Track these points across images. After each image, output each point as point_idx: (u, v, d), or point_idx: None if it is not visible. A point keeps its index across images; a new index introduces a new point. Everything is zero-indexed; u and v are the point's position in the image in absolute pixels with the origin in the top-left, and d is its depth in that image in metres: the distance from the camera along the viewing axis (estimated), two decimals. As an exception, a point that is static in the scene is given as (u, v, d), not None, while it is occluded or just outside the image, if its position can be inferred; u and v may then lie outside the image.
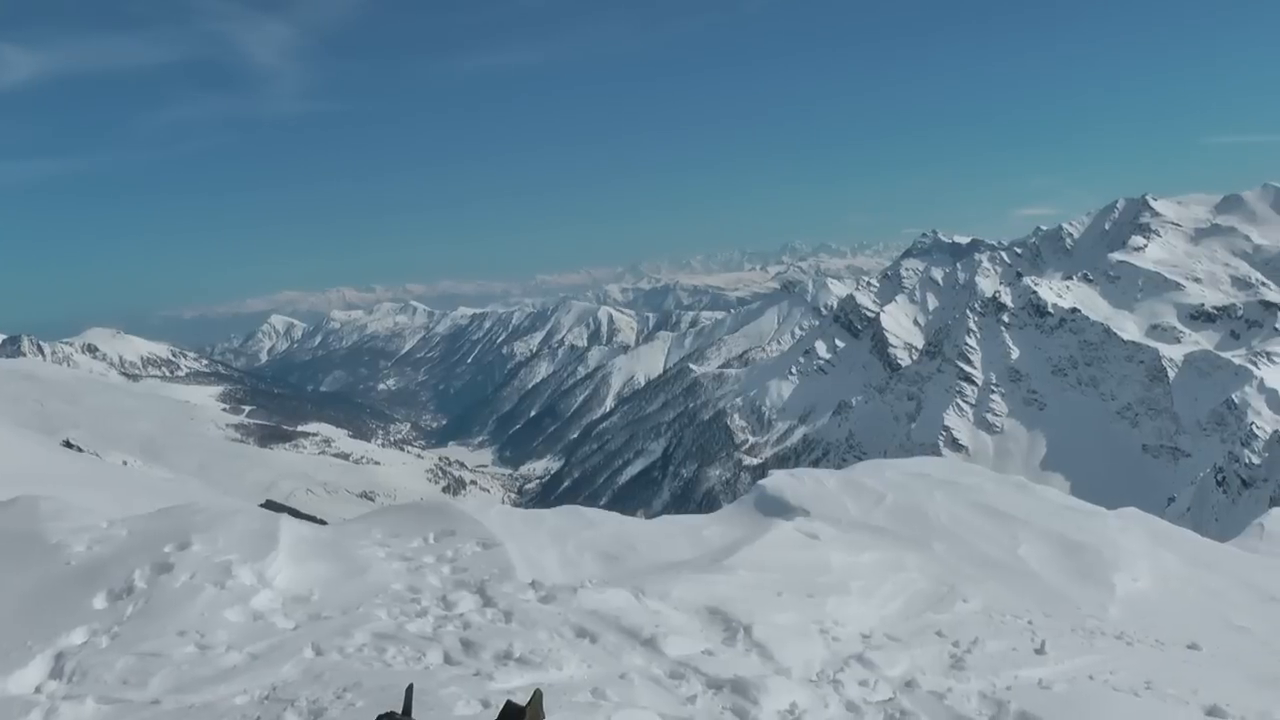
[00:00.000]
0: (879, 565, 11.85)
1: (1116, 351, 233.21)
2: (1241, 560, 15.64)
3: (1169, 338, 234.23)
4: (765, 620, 9.77)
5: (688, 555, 12.38)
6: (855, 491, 14.68)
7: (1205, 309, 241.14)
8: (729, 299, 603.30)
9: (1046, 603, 11.41)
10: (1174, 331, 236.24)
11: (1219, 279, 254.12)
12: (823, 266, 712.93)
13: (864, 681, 8.76)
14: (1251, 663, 10.27)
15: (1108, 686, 9.07)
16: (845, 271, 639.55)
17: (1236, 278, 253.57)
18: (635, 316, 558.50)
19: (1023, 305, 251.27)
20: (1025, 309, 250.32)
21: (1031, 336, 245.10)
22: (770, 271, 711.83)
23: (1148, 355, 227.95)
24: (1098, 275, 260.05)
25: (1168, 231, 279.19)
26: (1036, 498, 15.81)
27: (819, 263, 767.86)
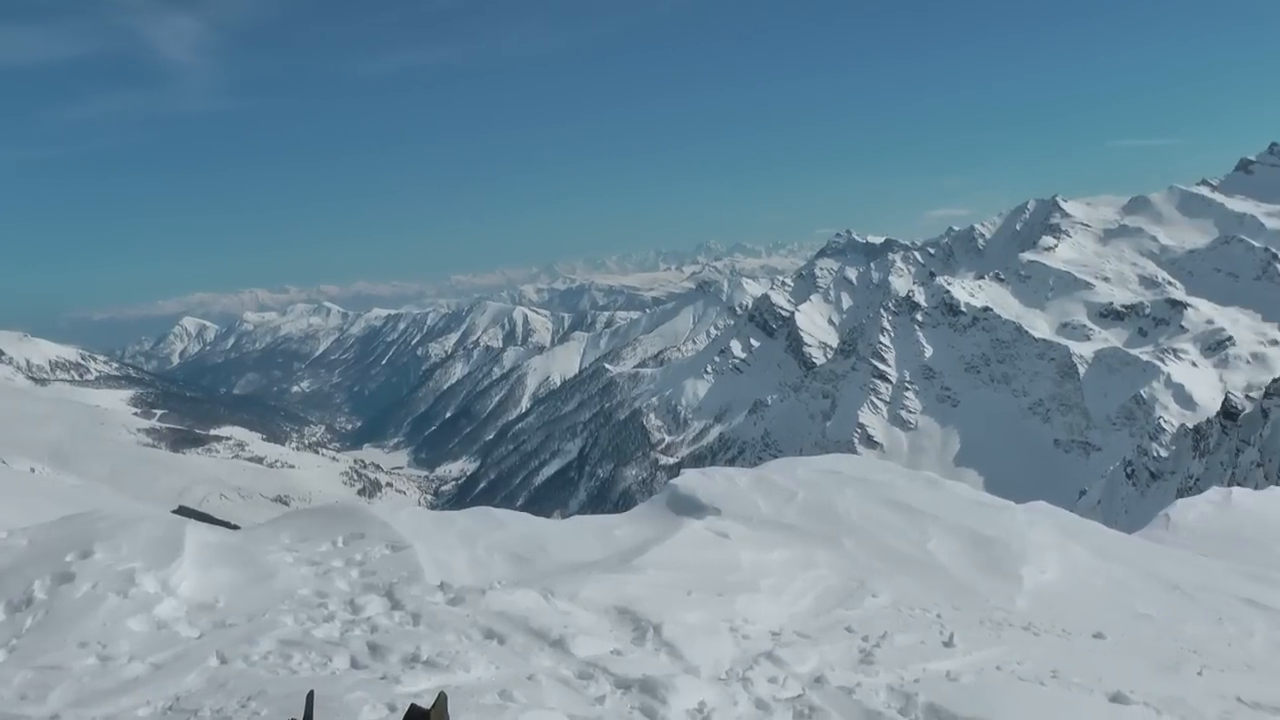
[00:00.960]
0: (789, 563, 11.87)
1: (1028, 349, 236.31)
2: (1147, 551, 15.86)
3: (1079, 335, 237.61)
4: (674, 619, 9.75)
5: (598, 555, 12.35)
6: (766, 490, 14.71)
7: (1114, 307, 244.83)
8: (644, 299, 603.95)
9: (955, 596, 11.49)
10: (1084, 329, 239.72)
11: (1127, 278, 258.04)
12: (738, 266, 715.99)
13: (773, 679, 8.76)
14: (1154, 650, 10.42)
15: (1014, 677, 9.15)
16: (760, 271, 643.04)
17: (1144, 277, 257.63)
18: (550, 317, 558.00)
19: (936, 304, 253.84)
20: (938, 308, 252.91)
21: (945, 335, 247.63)
22: (685, 271, 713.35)
23: (1058, 352, 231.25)
24: (1009, 275, 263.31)
25: (1077, 232, 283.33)
26: (946, 493, 15.94)
27: (734, 262, 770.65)
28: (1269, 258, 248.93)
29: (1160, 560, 14.86)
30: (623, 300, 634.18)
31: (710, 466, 19.50)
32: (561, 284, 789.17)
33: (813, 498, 14.34)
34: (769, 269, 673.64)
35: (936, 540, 13.06)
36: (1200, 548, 17.06)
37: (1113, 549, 14.91)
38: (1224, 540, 17.88)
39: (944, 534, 13.28)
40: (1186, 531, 18.58)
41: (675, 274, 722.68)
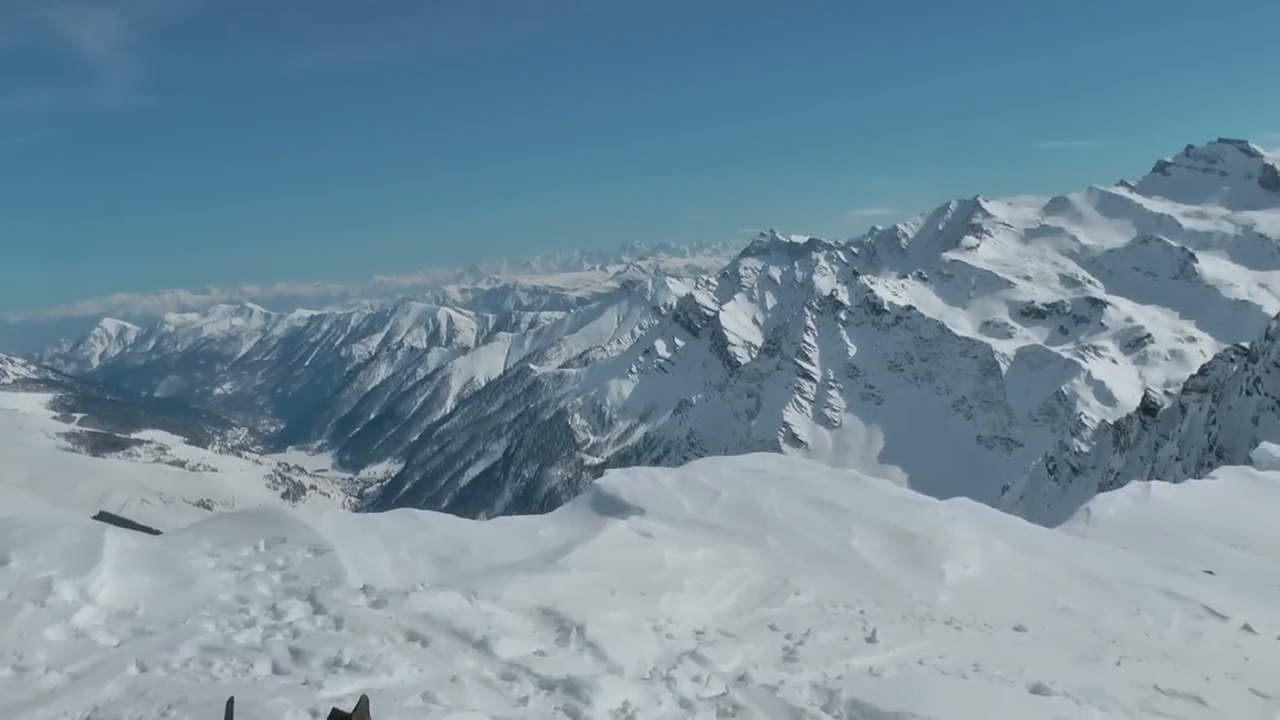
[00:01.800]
0: (713, 562, 11.90)
1: (951, 347, 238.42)
2: (1067, 544, 16.02)
3: (1001, 333, 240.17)
4: (598, 619, 9.74)
5: (522, 556, 12.32)
6: (690, 489, 14.74)
7: (1035, 306, 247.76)
8: (569, 299, 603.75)
9: (878, 592, 11.56)
10: (1006, 327, 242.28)
11: (1048, 277, 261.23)
12: (662, 266, 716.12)
13: (697, 677, 8.77)
14: (1074, 641, 10.55)
15: (936, 670, 9.23)
16: (684, 271, 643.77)
17: (1065, 276, 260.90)
18: (475, 317, 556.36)
19: (859, 303, 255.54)
20: (862, 307, 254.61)
21: (868, 333, 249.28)
22: (610, 271, 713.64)
23: (981, 350, 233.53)
24: (932, 274, 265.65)
25: (999, 231, 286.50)
26: (869, 490, 16.03)
27: (658, 262, 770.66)
28: (1186, 257, 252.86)
29: (1080, 553, 15.02)
30: (547, 300, 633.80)
31: (635, 466, 19.50)
32: (486, 284, 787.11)
33: (736, 497, 14.38)
34: (693, 268, 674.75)
35: (860, 537, 13.14)
36: (1120, 541, 17.25)
37: (1034, 543, 15.05)
38: (1143, 533, 18.10)
39: (867, 531, 13.36)
40: (1107, 525, 18.79)
41: (600, 274, 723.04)
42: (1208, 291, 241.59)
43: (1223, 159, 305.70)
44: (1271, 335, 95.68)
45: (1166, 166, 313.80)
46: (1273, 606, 13.13)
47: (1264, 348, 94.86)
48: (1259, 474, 24.04)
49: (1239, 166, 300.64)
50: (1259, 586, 14.54)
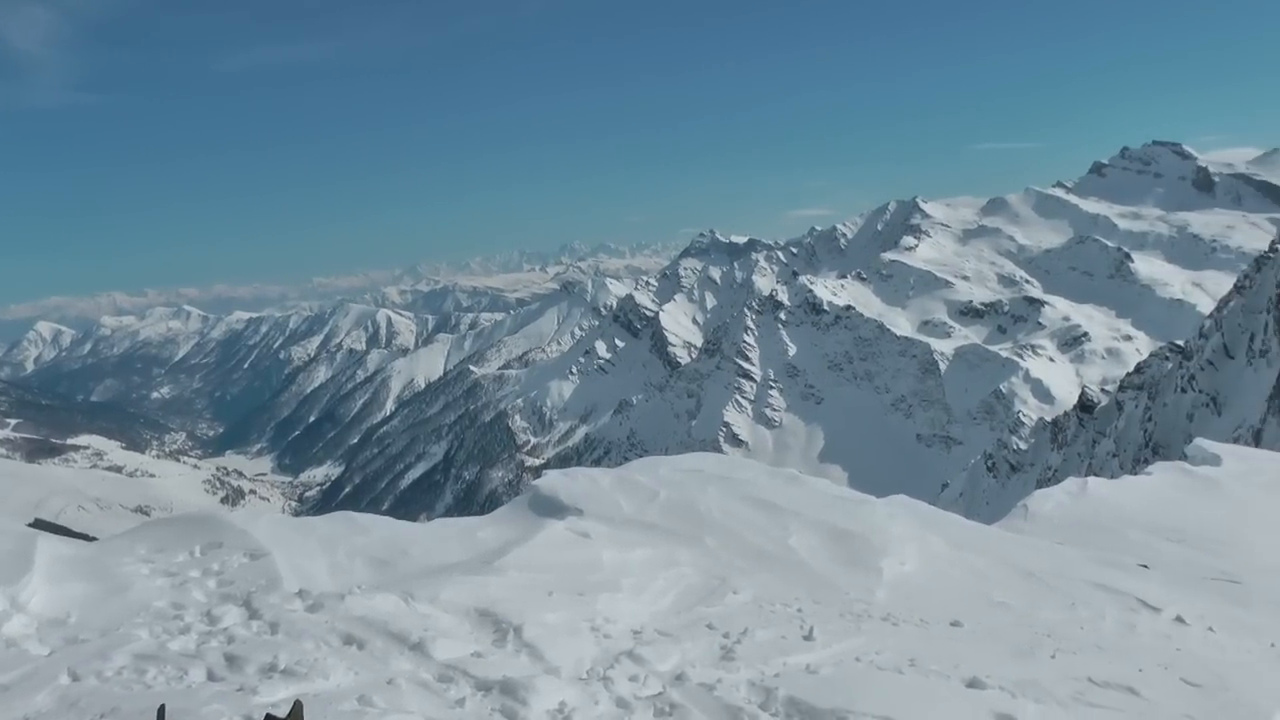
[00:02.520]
0: (650, 561, 11.90)
1: (890, 346, 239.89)
2: (1004, 540, 16.15)
3: (940, 333, 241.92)
4: (535, 620, 9.73)
5: (460, 558, 12.27)
6: (628, 489, 14.73)
7: (973, 305, 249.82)
8: (508, 300, 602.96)
9: (816, 590, 11.60)
10: (944, 327, 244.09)
11: (986, 277, 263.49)
12: (602, 267, 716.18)
13: (634, 677, 8.77)
14: (1010, 635, 10.64)
15: (873, 667, 9.28)
16: (624, 271, 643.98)
17: (1002, 275, 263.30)
18: (414, 319, 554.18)
19: (799, 303, 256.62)
20: (801, 307, 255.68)
21: (808, 333, 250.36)
22: (550, 272, 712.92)
23: (920, 350, 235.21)
24: (871, 274, 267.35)
25: (937, 232, 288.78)
26: (808, 489, 16.07)
27: (598, 263, 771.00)
28: (1122, 257, 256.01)
29: (1017, 549, 15.14)
30: (487, 302, 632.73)
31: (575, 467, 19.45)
32: (425, 285, 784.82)
33: (675, 496, 14.39)
34: (633, 269, 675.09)
35: (797, 536, 13.18)
36: (1057, 536, 17.40)
37: (971, 540, 15.15)
38: (1079, 528, 18.26)
39: (805, 529, 13.40)
40: (1044, 521, 18.95)
41: (539, 275, 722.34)
42: (1143, 291, 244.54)
43: (1157, 161, 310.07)
44: (1205, 333, 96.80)
45: (1102, 168, 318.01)
46: (1204, 598, 13.32)
47: (1198, 346, 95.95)
48: (1193, 469, 24.32)
49: (1173, 168, 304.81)
50: (1192, 579, 14.73)
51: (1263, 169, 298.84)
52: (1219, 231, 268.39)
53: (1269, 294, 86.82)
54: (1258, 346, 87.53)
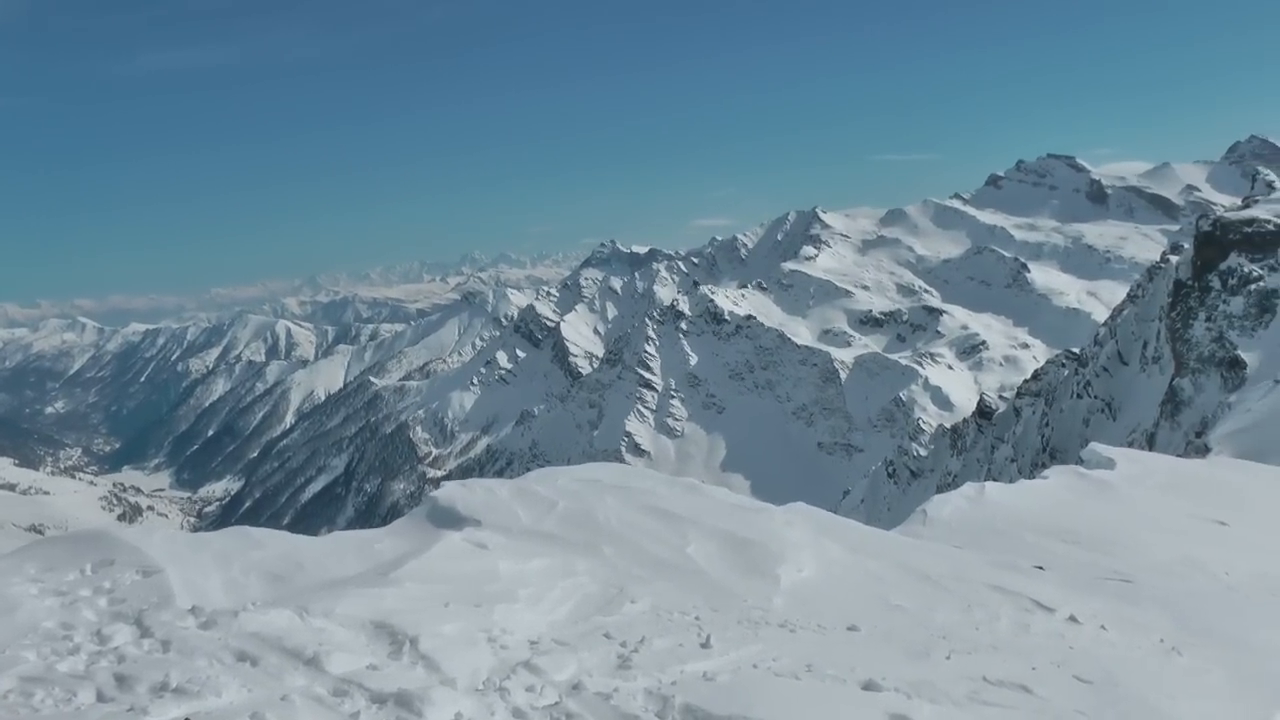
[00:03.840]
0: (548, 571, 11.87)
1: (791, 355, 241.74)
2: (902, 545, 16.29)
3: (840, 342, 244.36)
4: (432, 632, 9.66)
5: (357, 570, 12.16)
6: (526, 499, 14.70)
7: (873, 314, 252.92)
8: (409, 311, 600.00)
9: (714, 598, 11.63)
10: (844, 336, 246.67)
11: (885, 286, 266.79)
12: (503, 277, 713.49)
13: (531, 687, 8.73)
14: (906, 638, 10.74)
15: (770, 673, 9.32)
16: (525, 282, 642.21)
17: (901, 285, 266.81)
18: (314, 330, 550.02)
19: (700, 313, 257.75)
20: (702, 316, 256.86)
21: (709, 343, 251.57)
22: (450, 283, 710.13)
23: (820, 358, 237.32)
24: (771, 283, 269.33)
25: (837, 242, 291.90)
26: (706, 498, 16.12)
27: (499, 273, 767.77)
28: (1019, 267, 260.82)
29: (914, 553, 15.27)
30: (387, 312, 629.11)
31: (482, 478, 19.38)
32: (325, 296, 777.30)
33: (573, 506, 14.37)
34: (534, 279, 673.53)
35: (696, 544, 13.21)
36: (955, 540, 17.58)
37: (868, 545, 15.27)
38: (977, 532, 18.47)
39: (703, 538, 13.43)
40: (942, 525, 19.11)
41: (440, 285, 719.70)
42: (1039, 300, 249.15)
43: (1052, 173, 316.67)
44: (1100, 341, 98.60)
45: (998, 180, 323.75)
46: (1097, 597, 13.56)
47: (1093, 353, 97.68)
48: (1088, 473, 24.74)
49: (1067, 181, 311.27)
50: (1086, 579, 14.98)
51: (1153, 182, 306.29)
52: (1112, 242, 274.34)
53: (1160, 303, 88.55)
54: (1150, 353, 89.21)
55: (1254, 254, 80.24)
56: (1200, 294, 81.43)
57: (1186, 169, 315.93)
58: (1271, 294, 77.38)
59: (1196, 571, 17.00)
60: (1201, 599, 14.89)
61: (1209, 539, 19.88)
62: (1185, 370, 79.23)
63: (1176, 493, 23.86)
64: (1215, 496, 23.80)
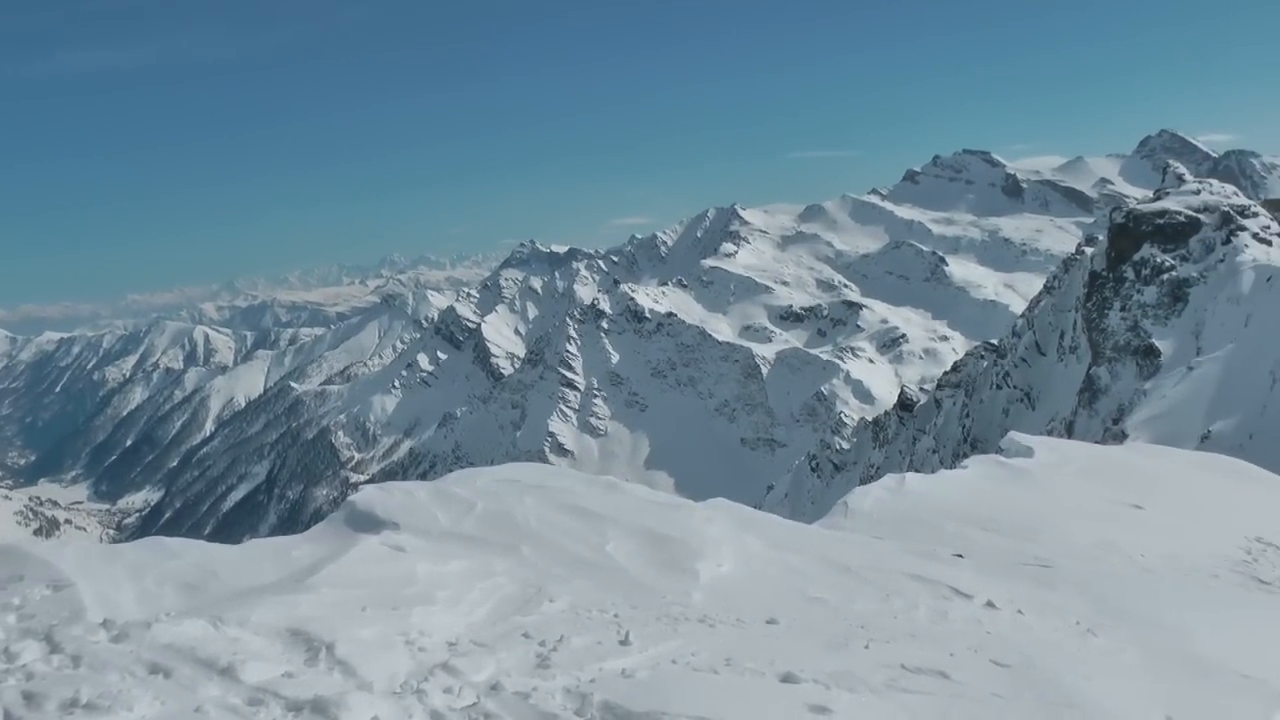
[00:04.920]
0: (466, 573, 11.81)
1: (712, 352, 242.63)
2: (822, 537, 16.39)
3: (761, 337, 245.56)
4: (348, 636, 9.57)
5: (273, 578, 12.02)
6: (445, 501, 14.61)
7: (794, 310, 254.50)
8: (329, 314, 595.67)
9: (633, 595, 11.62)
10: (765, 331, 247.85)
11: (805, 282, 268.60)
12: (423, 279, 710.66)
13: (448, 689, 8.67)
14: (825, 630, 10.79)
15: (689, 668, 9.33)
16: (445, 283, 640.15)
17: (821, 280, 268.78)
18: (233, 336, 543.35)
19: (621, 311, 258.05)
20: (623, 315, 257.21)
21: (630, 341, 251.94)
22: (370, 285, 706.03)
23: (742, 354, 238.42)
24: (692, 281, 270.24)
25: (756, 239, 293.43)
26: (626, 496, 16.12)
27: (419, 275, 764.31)
28: (937, 261, 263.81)
29: (834, 545, 15.35)
30: (307, 316, 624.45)
31: (402, 481, 19.28)
32: (243, 301, 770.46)
33: (492, 507, 14.31)
34: (454, 281, 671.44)
35: (615, 542, 13.19)
36: (876, 531, 17.72)
37: (788, 539, 15.33)
38: (898, 522, 18.64)
39: (622, 536, 13.42)
40: (863, 517, 19.25)
41: (359, 288, 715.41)
42: (958, 293, 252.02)
43: (968, 168, 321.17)
44: (1018, 332, 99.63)
45: (915, 175, 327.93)
46: (1015, 583, 13.78)
47: (1011, 344, 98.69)
48: (1007, 461, 25.05)
49: (983, 175, 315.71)
50: (1004, 565, 15.23)
51: (1067, 176, 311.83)
52: (1028, 235, 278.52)
53: (1076, 294, 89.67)
54: (1068, 343, 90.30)
55: (1166, 245, 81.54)
56: (1115, 284, 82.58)
57: (1099, 163, 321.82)
58: (1183, 283, 78.61)
59: (1113, 555, 17.35)
60: (1117, 581, 15.18)
61: (1125, 523, 20.27)
62: (1102, 359, 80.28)
63: (1093, 479, 24.24)
64: (1131, 481, 24.22)
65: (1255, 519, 22.31)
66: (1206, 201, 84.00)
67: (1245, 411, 59.94)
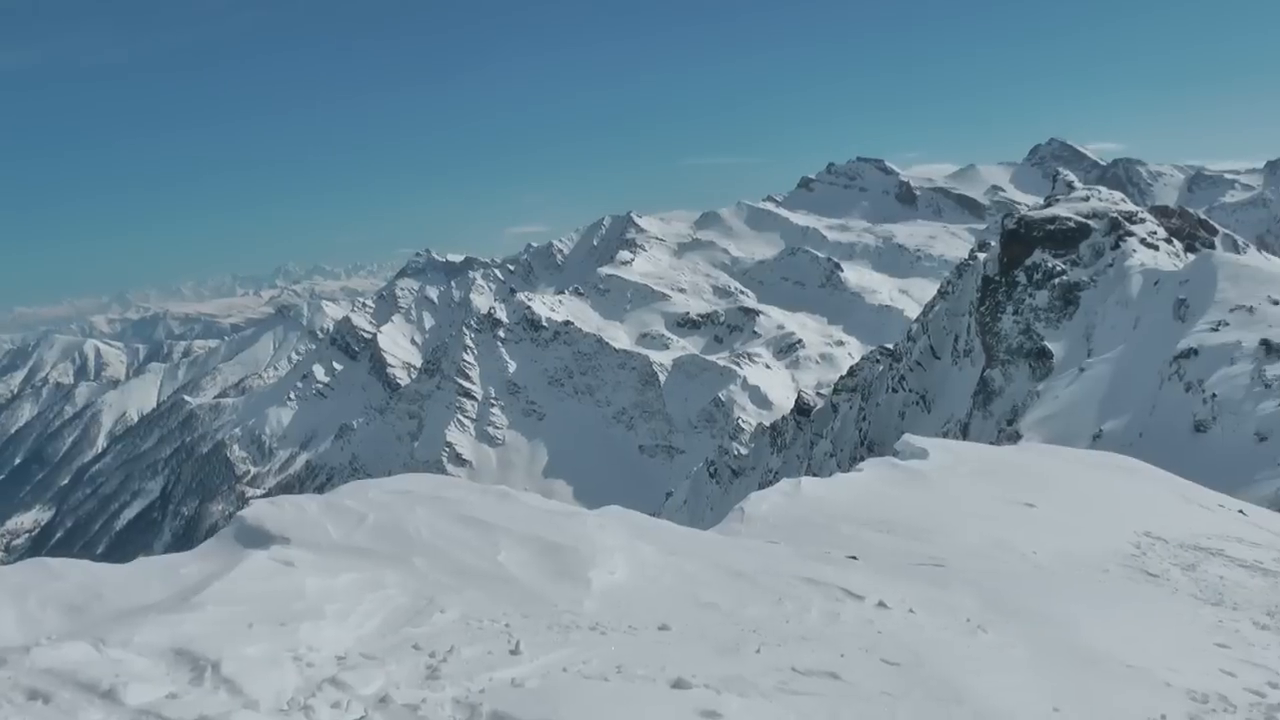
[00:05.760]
0: (356, 586, 11.67)
1: (610, 360, 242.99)
2: (716, 543, 16.46)
3: (658, 345, 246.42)
4: (234, 654, 9.41)
5: (160, 596, 11.80)
6: (337, 514, 14.44)
7: (690, 316, 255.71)
8: (223, 326, 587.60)
9: (525, 604, 11.56)
10: (662, 339, 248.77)
11: (701, 288, 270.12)
12: (318, 289, 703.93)
13: (336, 704, 8.56)
14: (716, 635, 10.84)
15: (579, 676, 9.31)
16: (341, 293, 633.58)
17: (717, 287, 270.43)
18: (124, 349, 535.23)
19: (518, 320, 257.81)
20: (520, 324, 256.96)
21: (527, 350, 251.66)
22: (264, 296, 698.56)
23: (639, 362, 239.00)
24: (588, 289, 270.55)
25: (653, 246, 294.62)
26: (519, 505, 16.02)
27: (314, 285, 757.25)
28: (832, 267, 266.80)
29: (728, 551, 15.40)
30: (200, 328, 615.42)
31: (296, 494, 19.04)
32: (135, 313, 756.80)
33: (384, 519, 14.17)
34: (349, 291, 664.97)
35: (507, 551, 13.12)
36: (771, 535, 17.82)
37: (682, 545, 15.34)
38: (793, 526, 18.75)
39: (515, 545, 13.35)
40: (760, 522, 19.35)
41: (254, 299, 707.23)
42: (853, 298, 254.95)
43: (862, 176, 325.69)
44: (913, 336, 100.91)
45: (810, 182, 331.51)
46: (907, 583, 13.95)
47: (906, 348, 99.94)
48: (902, 463, 25.35)
49: (877, 183, 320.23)
50: (898, 566, 15.43)
51: (960, 183, 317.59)
52: (922, 241, 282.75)
53: (970, 298, 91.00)
54: (962, 347, 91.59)
55: (1057, 250, 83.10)
56: (1007, 289, 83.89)
57: (991, 170, 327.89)
58: (1074, 287, 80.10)
59: (1006, 553, 17.64)
60: (1009, 579, 15.46)
61: (1018, 521, 20.67)
62: (995, 362, 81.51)
63: (987, 479, 24.64)
64: (1024, 480, 24.70)
65: (1144, 514, 22.94)
66: (1095, 208, 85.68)
67: (1135, 411, 61.12)
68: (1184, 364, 60.55)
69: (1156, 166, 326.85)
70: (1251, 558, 19.79)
